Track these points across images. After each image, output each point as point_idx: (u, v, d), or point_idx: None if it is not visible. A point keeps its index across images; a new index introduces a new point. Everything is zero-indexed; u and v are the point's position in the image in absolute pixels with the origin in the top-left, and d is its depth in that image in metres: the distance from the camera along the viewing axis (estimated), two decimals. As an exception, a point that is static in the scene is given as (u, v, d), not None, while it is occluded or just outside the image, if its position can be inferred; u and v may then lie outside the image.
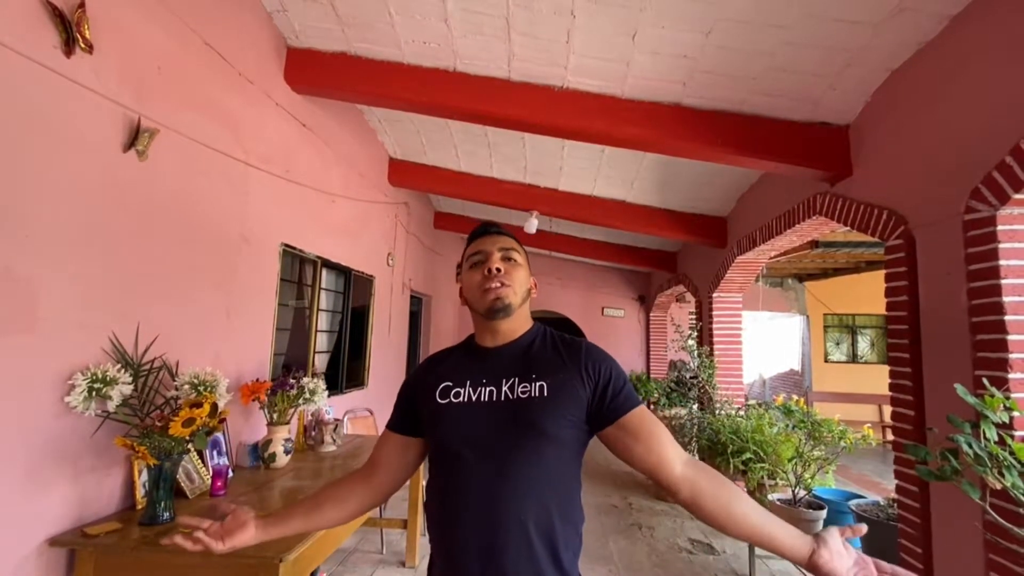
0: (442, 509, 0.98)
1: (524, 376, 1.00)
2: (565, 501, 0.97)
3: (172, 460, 1.70)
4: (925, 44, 2.03)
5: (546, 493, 0.94)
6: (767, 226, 3.51)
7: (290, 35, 2.82)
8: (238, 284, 2.51)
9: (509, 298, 1.03)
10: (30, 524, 1.52)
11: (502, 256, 1.06)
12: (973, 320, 1.78)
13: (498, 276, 1.04)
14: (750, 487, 3.16)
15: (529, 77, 2.75)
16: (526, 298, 1.09)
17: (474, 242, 1.11)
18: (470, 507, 0.94)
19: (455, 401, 1.01)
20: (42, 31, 1.53)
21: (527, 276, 1.11)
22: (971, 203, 1.80)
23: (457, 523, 0.94)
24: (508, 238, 1.12)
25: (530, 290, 1.11)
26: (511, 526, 0.91)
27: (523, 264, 1.09)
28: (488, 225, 1.14)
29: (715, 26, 2.15)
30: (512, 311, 1.04)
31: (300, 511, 1.10)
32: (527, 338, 1.09)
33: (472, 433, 0.97)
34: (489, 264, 1.05)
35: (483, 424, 0.97)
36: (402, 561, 3.19)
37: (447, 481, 0.99)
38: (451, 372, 1.07)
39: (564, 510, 0.96)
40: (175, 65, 2.06)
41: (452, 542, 0.95)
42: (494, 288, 1.03)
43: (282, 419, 2.49)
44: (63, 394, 1.59)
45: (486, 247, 1.08)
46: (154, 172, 1.96)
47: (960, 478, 1.43)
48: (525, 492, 0.93)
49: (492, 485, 0.93)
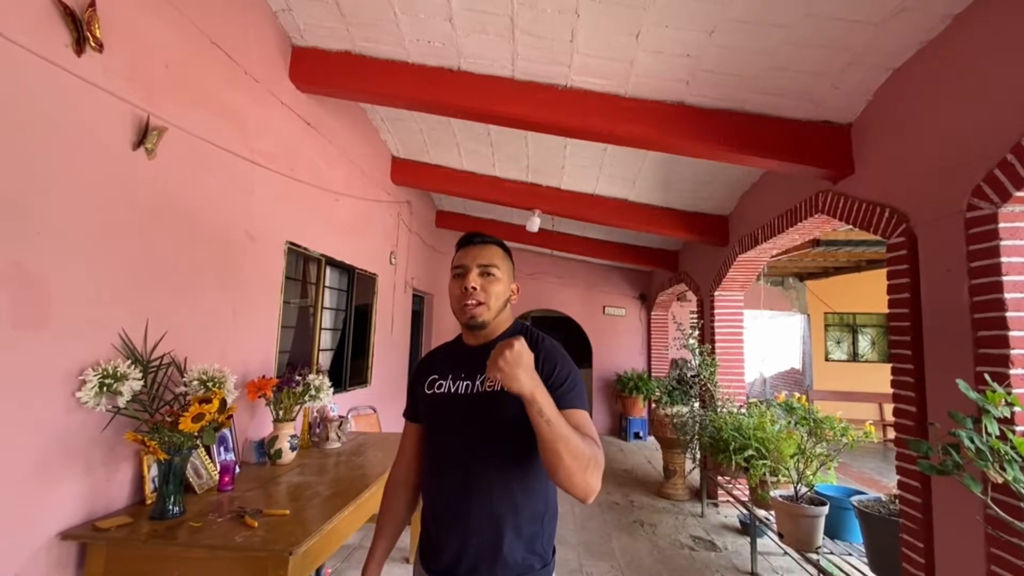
0: (429, 479, 1.19)
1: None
2: (530, 476, 1.11)
3: (181, 455, 1.72)
4: (927, 43, 2.04)
5: (510, 471, 1.10)
6: (769, 224, 3.52)
7: (295, 34, 2.83)
8: (244, 282, 2.53)
9: (483, 316, 1.14)
10: (42, 518, 1.54)
11: (480, 271, 1.15)
12: (975, 317, 1.79)
13: (474, 294, 1.14)
14: (752, 484, 3.17)
15: (533, 76, 2.76)
16: (503, 308, 1.19)
17: (458, 253, 1.21)
18: (447, 477, 1.14)
19: (438, 392, 1.19)
20: (53, 30, 1.55)
21: (505, 288, 1.19)
22: (973, 201, 1.81)
23: (438, 491, 1.15)
24: (491, 249, 1.19)
25: (508, 298, 1.21)
26: (480, 496, 1.09)
27: (502, 277, 1.18)
28: (472, 236, 1.21)
29: (718, 25, 2.17)
30: (487, 324, 1.16)
31: (390, 529, 1.27)
32: (503, 336, 1.20)
33: (449, 420, 1.16)
34: (466, 282, 1.14)
35: (458, 412, 1.14)
36: (406, 557, 3.21)
37: (433, 457, 1.19)
38: (440, 366, 1.24)
39: (527, 483, 1.11)
40: (182, 63, 2.07)
41: (434, 505, 1.15)
42: (470, 306, 1.14)
43: (288, 416, 2.50)
44: (74, 389, 1.61)
45: (466, 261, 1.17)
46: (162, 170, 1.97)
47: (962, 472, 1.44)
48: (489, 467, 1.09)
49: (464, 462, 1.11)
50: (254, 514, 1.73)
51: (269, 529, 1.64)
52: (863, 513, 2.30)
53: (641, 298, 7.99)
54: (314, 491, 2.09)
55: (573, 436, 0.94)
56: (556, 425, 0.92)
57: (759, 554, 3.33)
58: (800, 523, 2.51)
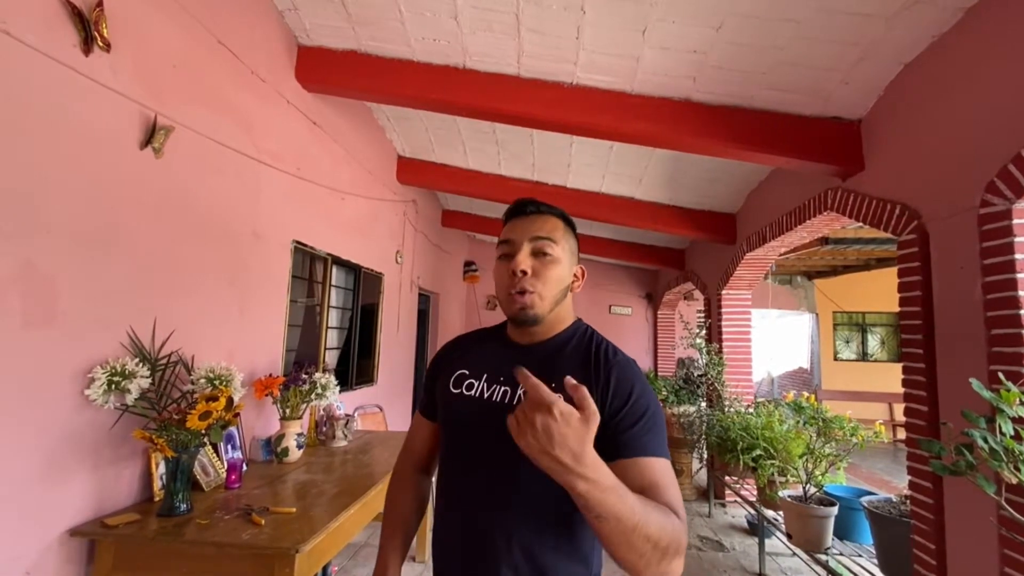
0: (440, 496, 0.94)
1: (544, 383, 0.85)
2: (570, 532, 0.83)
3: (189, 453, 1.72)
4: (939, 37, 2.01)
5: (544, 519, 0.82)
6: (777, 222, 3.49)
7: (301, 33, 2.84)
8: (251, 280, 2.54)
9: (535, 308, 0.89)
10: (51, 515, 1.55)
11: (533, 249, 0.90)
12: (988, 315, 1.77)
13: (524, 280, 0.89)
14: (760, 484, 3.15)
15: (538, 73, 2.75)
16: (562, 298, 0.93)
17: (507, 225, 0.96)
18: (461, 507, 0.88)
19: (466, 394, 0.93)
20: (61, 30, 1.55)
21: (566, 271, 0.93)
22: (986, 197, 1.79)
23: (448, 518, 0.92)
24: (547, 220, 0.94)
25: (570, 286, 0.96)
26: (498, 543, 0.83)
27: (561, 257, 0.92)
28: (524, 204, 0.96)
29: (726, 21, 2.15)
30: (541, 320, 0.91)
31: (399, 535, 1.02)
32: (561, 338, 0.95)
33: (475, 433, 0.89)
34: (515, 264, 0.89)
35: (490, 427, 0.84)
36: (412, 556, 3.21)
37: (450, 468, 0.94)
38: (472, 360, 0.98)
39: (566, 541, 0.83)
40: (189, 63, 2.08)
41: (444, 530, 0.92)
42: (518, 297, 0.89)
43: (294, 414, 2.51)
44: (83, 387, 1.62)
45: (516, 235, 0.92)
46: (169, 169, 1.98)
47: (975, 473, 1.42)
48: (517, 513, 0.83)
49: (484, 496, 0.86)
50: (261, 512, 1.74)
51: (276, 527, 1.64)
52: (873, 514, 2.27)
53: (647, 297, 7.96)
54: (320, 489, 2.09)
55: (647, 523, 0.65)
56: (617, 520, 0.63)
57: (767, 554, 3.30)
58: (809, 523, 2.49)
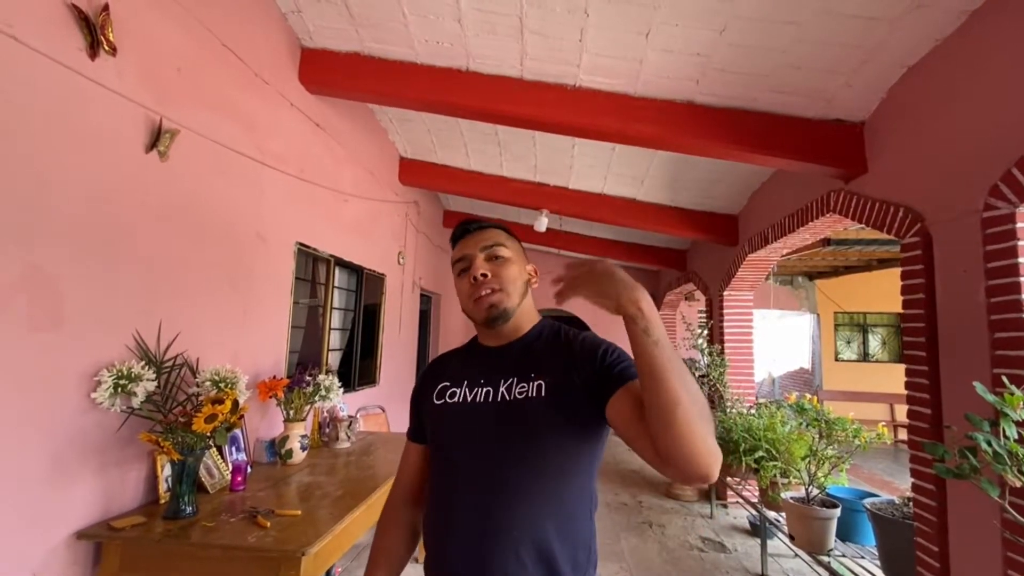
0: (435, 514, 0.93)
1: (523, 375, 0.92)
2: (568, 517, 0.87)
3: (195, 455, 1.73)
4: (942, 40, 2.01)
5: (544, 508, 0.85)
6: (779, 224, 3.49)
7: (304, 36, 2.84)
8: (254, 282, 2.54)
9: (504, 303, 0.95)
10: (58, 518, 1.56)
11: (486, 256, 0.97)
12: (992, 318, 1.77)
13: (486, 282, 0.95)
14: (762, 485, 3.15)
15: (541, 76, 2.75)
16: (525, 292, 1.00)
17: (456, 246, 1.02)
18: (460, 516, 0.88)
19: (450, 402, 0.96)
20: (68, 34, 1.56)
21: (520, 268, 1.00)
22: (990, 200, 1.79)
23: (447, 533, 0.89)
24: (491, 231, 1.01)
25: (528, 281, 1.02)
26: (502, 541, 0.84)
27: (513, 256, 0.99)
28: (467, 224, 1.03)
29: (729, 23, 2.15)
30: (511, 314, 0.96)
31: (384, 570, 0.99)
32: (531, 335, 1.00)
33: (466, 437, 0.91)
34: (473, 271, 0.96)
35: (477, 427, 0.88)
36: (415, 557, 3.21)
37: (439, 486, 0.94)
38: (452, 372, 1.02)
39: (566, 527, 0.86)
40: (194, 66, 2.08)
41: (442, 551, 0.89)
42: (485, 296, 0.95)
43: (298, 416, 2.52)
44: (89, 390, 1.63)
45: (468, 250, 0.99)
46: (174, 172, 1.99)
47: (979, 476, 1.42)
48: (518, 506, 0.85)
49: (484, 495, 0.87)
50: (266, 514, 1.74)
51: (281, 529, 1.65)
52: (876, 516, 2.27)
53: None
54: (325, 491, 2.09)
55: (687, 370, 0.71)
56: (670, 348, 0.70)
57: (769, 556, 3.31)
58: (812, 525, 2.49)
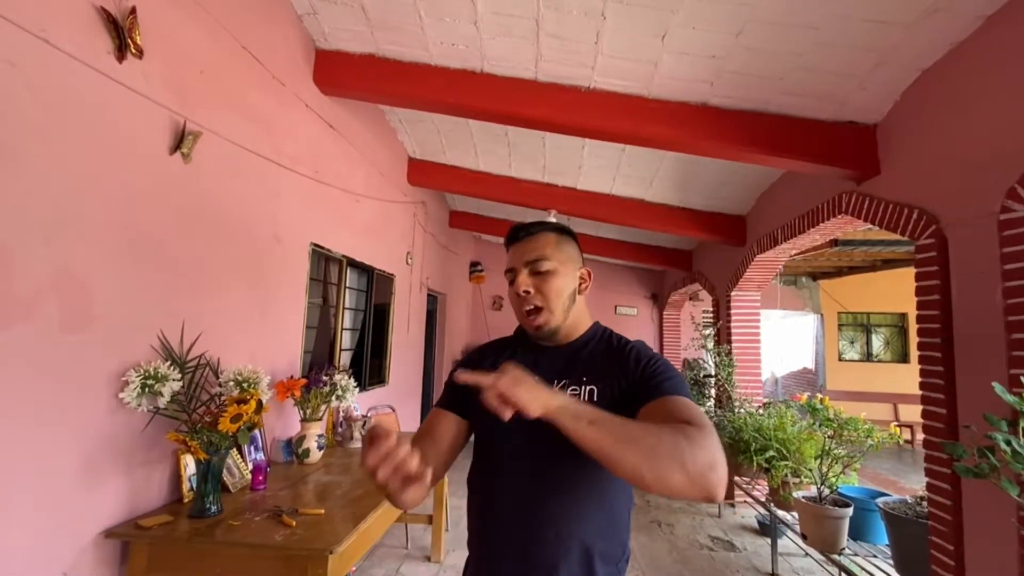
0: (483, 507, 0.97)
1: (573, 378, 0.96)
2: (608, 515, 0.92)
3: (220, 455, 1.75)
4: (958, 44, 2.03)
5: (586, 505, 0.90)
6: (789, 225, 3.51)
7: (319, 37, 2.85)
8: (271, 283, 2.56)
9: (549, 323, 0.98)
10: (87, 517, 1.57)
11: (530, 271, 0.99)
12: (1009, 319, 1.79)
13: (529, 298, 0.98)
14: (773, 484, 3.17)
15: (555, 78, 2.77)
16: (571, 304, 1.01)
17: (508, 253, 1.05)
18: (507, 506, 0.92)
19: None
20: (97, 38, 1.57)
21: (567, 279, 1.01)
22: (1006, 202, 1.80)
23: (494, 520, 0.94)
24: (538, 238, 1.02)
25: (577, 290, 1.03)
26: (547, 535, 0.88)
27: (557, 267, 1.00)
28: (516, 230, 1.05)
29: (745, 27, 2.16)
30: (557, 331, 1.00)
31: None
32: (583, 340, 1.04)
33: (513, 433, 0.92)
34: (516, 288, 0.99)
35: (526, 425, 0.83)
36: (427, 556, 3.23)
37: (487, 481, 0.98)
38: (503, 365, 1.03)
39: (606, 525, 0.91)
40: (215, 68, 2.10)
41: (489, 536, 0.95)
42: (529, 316, 0.99)
43: (315, 416, 2.53)
44: (117, 390, 1.64)
45: (514, 262, 1.02)
46: (197, 174, 2.00)
47: (998, 475, 1.44)
48: (562, 501, 0.89)
49: (530, 490, 0.91)
50: (291, 513, 1.76)
51: (307, 528, 1.66)
52: (889, 515, 2.29)
53: (653, 298, 7.98)
54: (343, 490, 2.11)
55: (643, 426, 0.76)
56: (606, 420, 0.73)
57: (780, 555, 3.33)
58: (825, 524, 2.51)
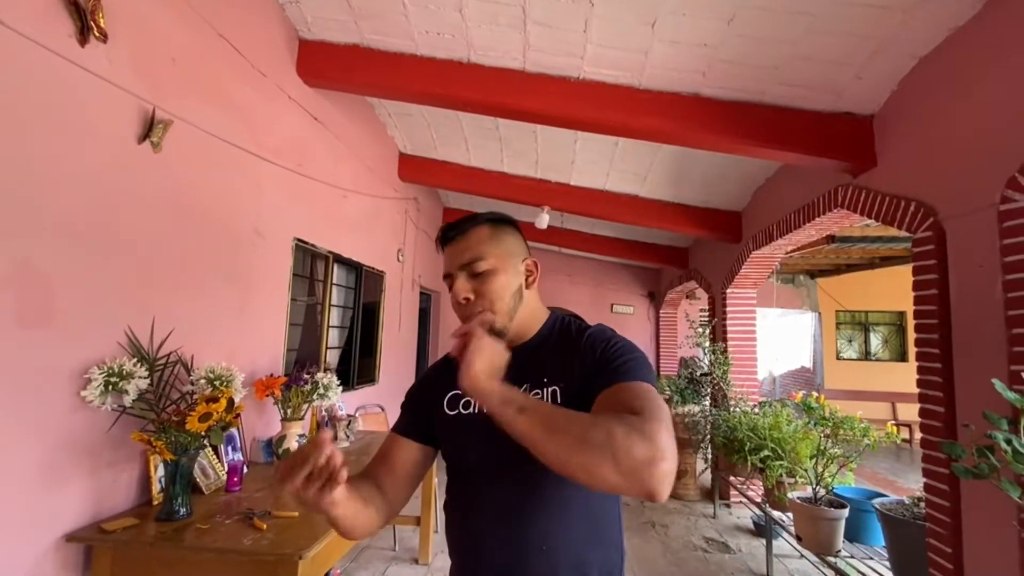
0: (462, 530, 0.91)
1: (536, 381, 0.89)
2: (596, 520, 0.87)
3: (189, 455, 1.68)
4: (956, 30, 1.96)
5: (571, 513, 0.85)
6: (784, 220, 3.44)
7: (302, 27, 2.79)
8: (252, 279, 2.49)
9: (495, 325, 0.89)
10: (48, 520, 1.50)
11: (468, 274, 0.90)
12: (1009, 313, 1.72)
13: (470, 305, 0.89)
14: (768, 485, 3.11)
15: (544, 68, 2.70)
16: (518, 301, 0.92)
17: (444, 256, 0.96)
18: (489, 529, 0.86)
19: (464, 412, 0.92)
20: (57, 20, 1.51)
21: (509, 275, 0.92)
22: (1007, 193, 1.74)
23: (477, 545, 0.87)
24: (469, 237, 0.93)
25: (523, 284, 0.94)
26: (533, 551, 0.83)
27: (498, 265, 0.91)
28: (446, 232, 0.96)
29: (737, 13, 2.10)
30: (506, 332, 0.90)
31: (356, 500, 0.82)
32: (539, 336, 0.96)
33: (483, 449, 0.87)
34: (455, 296, 0.91)
35: (495, 437, 0.77)
36: (415, 558, 3.17)
37: (464, 500, 0.92)
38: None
39: (595, 530, 0.87)
40: (189, 56, 2.03)
41: (472, 566, 0.88)
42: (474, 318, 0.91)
43: (296, 415, 2.47)
44: (79, 388, 1.57)
45: (449, 267, 0.93)
46: (168, 164, 1.93)
47: (998, 476, 1.38)
48: (546, 513, 0.84)
49: (511, 505, 0.85)
50: (263, 516, 1.69)
51: (278, 532, 1.60)
52: (886, 516, 2.23)
53: (649, 296, 7.91)
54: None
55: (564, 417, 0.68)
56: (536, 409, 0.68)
57: (775, 557, 3.26)
58: (820, 526, 2.45)
